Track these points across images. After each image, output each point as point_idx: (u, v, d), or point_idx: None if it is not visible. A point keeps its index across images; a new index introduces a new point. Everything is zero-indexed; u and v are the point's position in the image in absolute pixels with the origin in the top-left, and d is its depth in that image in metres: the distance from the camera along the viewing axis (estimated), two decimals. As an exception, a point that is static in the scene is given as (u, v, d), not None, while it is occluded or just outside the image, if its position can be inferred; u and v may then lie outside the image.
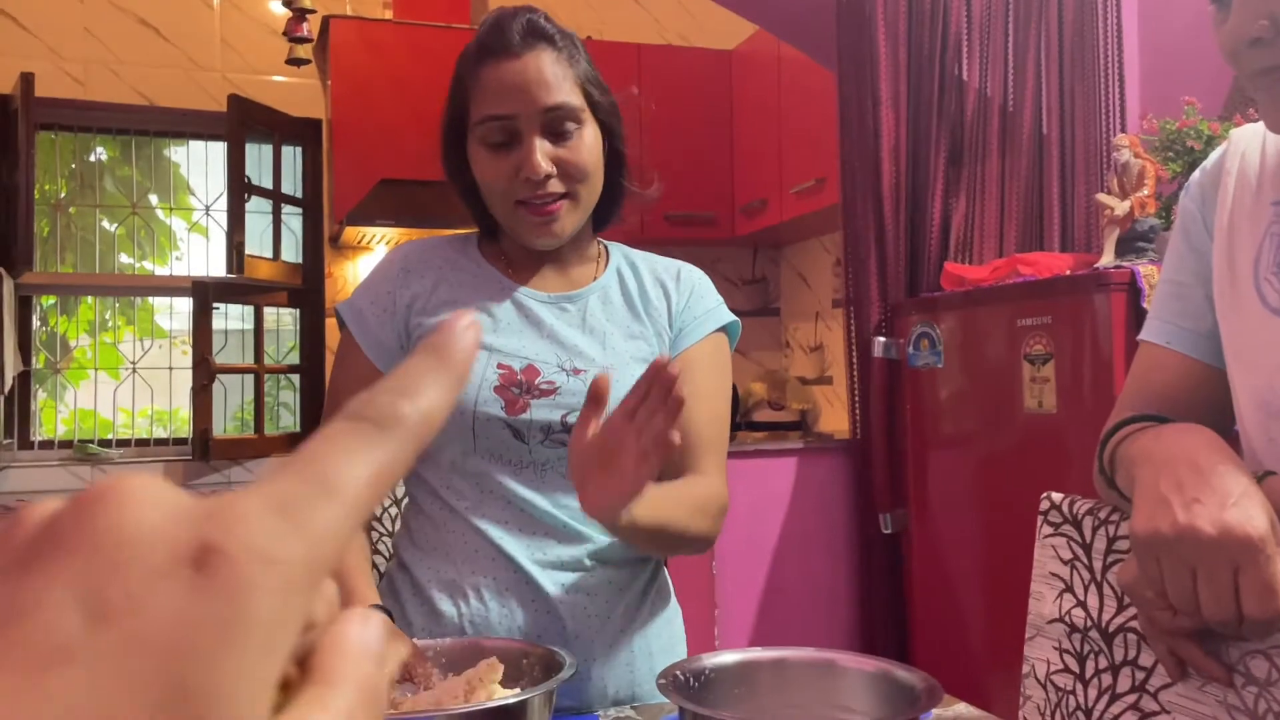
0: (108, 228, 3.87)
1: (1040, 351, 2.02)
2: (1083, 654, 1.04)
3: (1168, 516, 0.77)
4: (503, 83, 1.13)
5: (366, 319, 1.21)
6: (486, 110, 1.14)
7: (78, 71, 3.58)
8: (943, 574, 2.39)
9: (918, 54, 2.55)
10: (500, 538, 1.14)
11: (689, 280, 1.28)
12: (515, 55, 1.13)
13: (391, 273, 1.23)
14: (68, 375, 3.76)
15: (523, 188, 1.14)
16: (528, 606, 1.14)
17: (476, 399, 1.14)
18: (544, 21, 1.16)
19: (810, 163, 3.44)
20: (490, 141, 1.14)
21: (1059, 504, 1.10)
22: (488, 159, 1.15)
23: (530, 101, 1.12)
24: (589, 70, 1.19)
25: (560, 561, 1.16)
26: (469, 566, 1.15)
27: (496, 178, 1.15)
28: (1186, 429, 0.86)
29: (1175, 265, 1.05)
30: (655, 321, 1.25)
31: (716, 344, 1.26)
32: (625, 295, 1.26)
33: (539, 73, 1.13)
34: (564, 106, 1.14)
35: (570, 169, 1.15)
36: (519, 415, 1.14)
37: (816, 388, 4.07)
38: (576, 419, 1.11)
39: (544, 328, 1.20)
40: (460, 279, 1.23)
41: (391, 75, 3.55)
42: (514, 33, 1.13)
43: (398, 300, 1.21)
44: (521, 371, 1.16)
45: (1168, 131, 2.20)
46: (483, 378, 1.15)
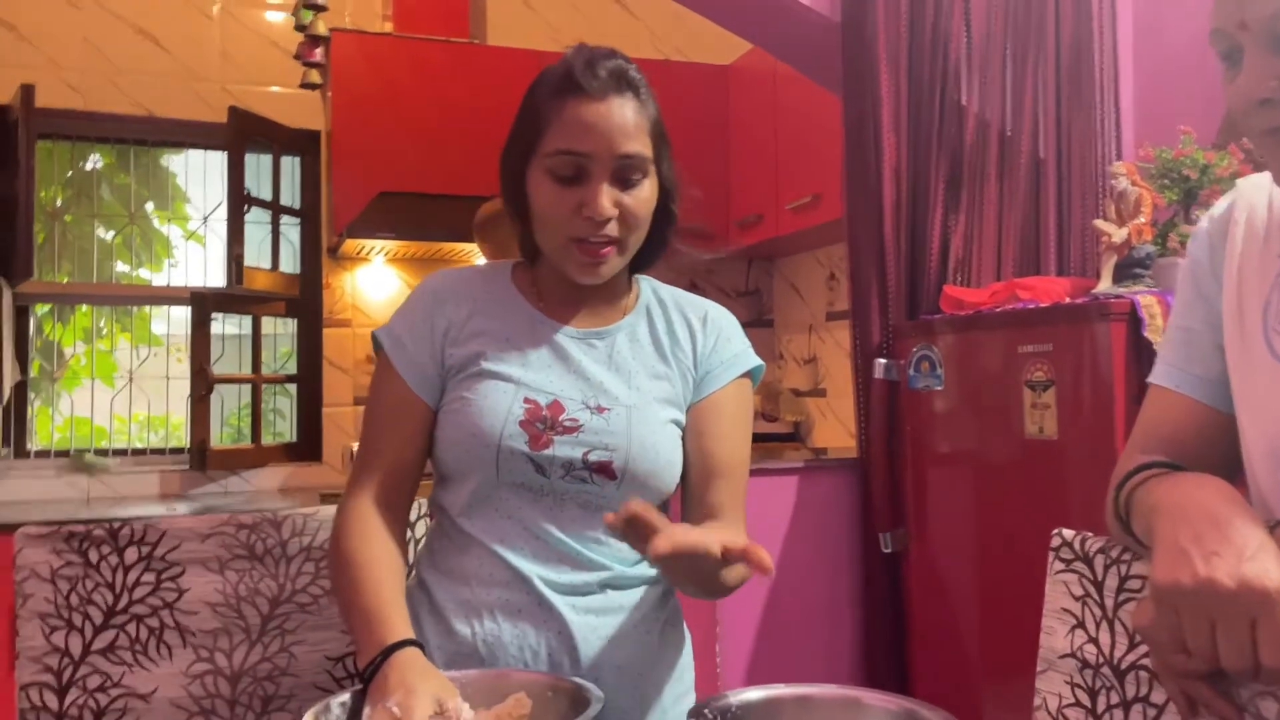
0: (104, 236, 3.86)
1: (1041, 378, 2.05)
2: (1094, 689, 1.07)
3: (1188, 569, 0.80)
4: (584, 121, 1.15)
5: (404, 344, 1.24)
6: (563, 144, 1.16)
7: (76, 81, 3.58)
8: (942, 595, 2.42)
9: (918, 79, 2.58)
10: (517, 562, 1.17)
11: (716, 323, 1.31)
12: (601, 98, 1.15)
13: (426, 301, 1.26)
14: (63, 384, 3.75)
15: (582, 226, 1.17)
16: (540, 627, 1.16)
17: (503, 432, 1.17)
18: (633, 71, 1.19)
19: (807, 179, 3.47)
20: (558, 174, 1.17)
21: (1070, 541, 1.13)
22: (552, 190, 1.17)
23: (608, 145, 1.15)
24: (660, 126, 1.22)
25: (574, 586, 1.18)
26: (484, 589, 1.17)
27: (557, 211, 1.17)
28: (1202, 480, 0.89)
29: (1184, 311, 1.08)
30: (680, 363, 1.27)
31: (741, 389, 1.29)
32: (653, 334, 1.28)
33: (621, 119, 1.16)
34: (636, 157, 1.17)
35: (629, 217, 1.18)
36: (542, 451, 1.17)
37: (810, 399, 4.10)
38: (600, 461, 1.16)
39: (571, 363, 1.23)
40: (493, 310, 1.26)
41: (391, 88, 3.56)
42: (604, 75, 1.16)
43: (434, 327, 1.24)
44: (547, 407, 1.19)
45: (1164, 160, 2.24)
46: (509, 411, 1.17)
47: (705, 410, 1.26)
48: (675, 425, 1.24)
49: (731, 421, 1.26)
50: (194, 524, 1.31)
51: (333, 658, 1.34)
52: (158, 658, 1.26)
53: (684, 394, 1.26)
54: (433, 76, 3.59)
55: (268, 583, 1.33)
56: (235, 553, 1.32)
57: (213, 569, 1.30)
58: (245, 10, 3.80)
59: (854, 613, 2.69)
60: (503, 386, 1.19)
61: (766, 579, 2.63)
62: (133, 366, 3.81)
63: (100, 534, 1.26)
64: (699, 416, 1.26)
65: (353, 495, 1.21)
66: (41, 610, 1.22)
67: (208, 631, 1.29)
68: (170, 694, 1.26)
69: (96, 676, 1.23)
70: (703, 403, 1.26)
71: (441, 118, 3.48)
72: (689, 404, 1.27)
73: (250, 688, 1.29)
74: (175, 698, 1.26)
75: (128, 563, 1.27)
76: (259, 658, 1.30)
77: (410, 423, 1.22)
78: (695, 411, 1.26)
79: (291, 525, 1.34)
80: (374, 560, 1.14)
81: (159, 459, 3.73)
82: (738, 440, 1.27)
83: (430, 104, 3.53)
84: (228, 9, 3.77)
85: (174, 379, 3.83)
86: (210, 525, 1.32)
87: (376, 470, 1.21)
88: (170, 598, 1.28)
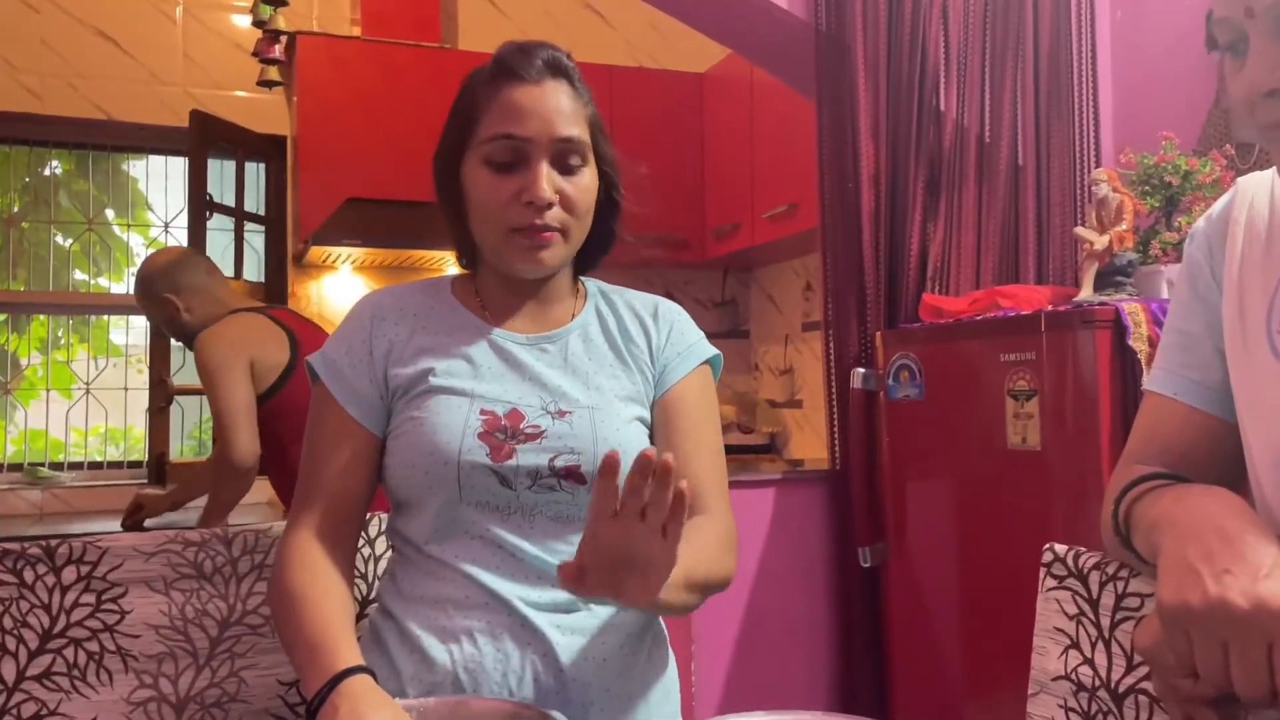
0: (62, 243, 3.76)
1: (1024, 388, 2.01)
2: (1090, 713, 1.02)
3: (1197, 588, 0.75)
4: (520, 105, 1.12)
5: (341, 370, 1.18)
6: (499, 128, 1.12)
7: (34, 84, 3.48)
8: (922, 610, 2.37)
9: (896, 84, 2.54)
10: (493, 582, 1.11)
11: (668, 316, 1.27)
12: (536, 82, 1.14)
13: (363, 322, 1.20)
14: (18, 395, 3.65)
15: (522, 213, 1.12)
16: (524, 649, 1.09)
17: (461, 447, 1.10)
18: (566, 60, 1.17)
19: (783, 187, 3.43)
20: (495, 160, 1.13)
21: (1063, 556, 1.08)
22: (489, 179, 1.13)
23: (545, 128, 1.12)
24: (597, 118, 1.20)
25: (555, 604, 1.12)
26: (462, 613, 1.10)
27: (496, 199, 1.13)
28: (1209, 492, 0.84)
29: (1182, 315, 1.03)
30: (637, 360, 1.23)
31: (702, 377, 1.25)
32: (606, 333, 1.24)
33: (557, 102, 1.14)
34: (575, 141, 1.14)
35: (570, 203, 1.14)
36: (505, 462, 1.11)
37: (786, 410, 4.05)
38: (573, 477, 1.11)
39: (525, 370, 1.17)
40: (436, 325, 1.20)
41: (359, 93, 3.50)
42: (539, 61, 1.14)
43: (374, 349, 1.18)
44: (505, 416, 1.13)
45: (1145, 166, 2.21)
46: (465, 425, 1.11)
47: (670, 404, 1.22)
48: (640, 423, 1.20)
49: (697, 411, 1.23)
50: (137, 541, 1.24)
51: (285, 682, 1.27)
52: (97, 684, 1.18)
53: (645, 391, 1.22)
54: (402, 81, 3.52)
55: (216, 603, 1.25)
56: (181, 571, 1.25)
57: (157, 589, 1.23)
58: (209, 13, 3.72)
59: (832, 629, 2.64)
60: (455, 400, 1.13)
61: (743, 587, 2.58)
62: (90, 377, 3.70)
63: (36, 552, 1.18)
64: (664, 412, 1.22)
65: (294, 529, 1.15)
66: (-29, 634, 1.14)
67: (151, 656, 1.21)
68: (110, 723, 1.18)
69: (31, 704, 1.15)
70: (666, 396, 1.22)
71: (410, 123, 3.40)
72: (652, 400, 1.23)
73: (198, 715, 1.22)
74: (116, 727, 1.18)
75: (65, 583, 1.19)
76: (206, 683, 1.23)
77: (352, 453, 1.16)
78: (660, 407, 1.22)
79: (243, 542, 1.27)
80: (320, 593, 1.08)
81: (116, 472, 3.62)
82: (709, 430, 1.23)
83: (399, 109, 3.46)
84: (190, 11, 3.69)
85: (134, 390, 3.73)
86: (155, 543, 1.25)
87: (318, 503, 1.15)
88: (111, 620, 1.20)
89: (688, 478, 1.15)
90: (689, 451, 1.19)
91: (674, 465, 0.87)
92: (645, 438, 1.20)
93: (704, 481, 1.19)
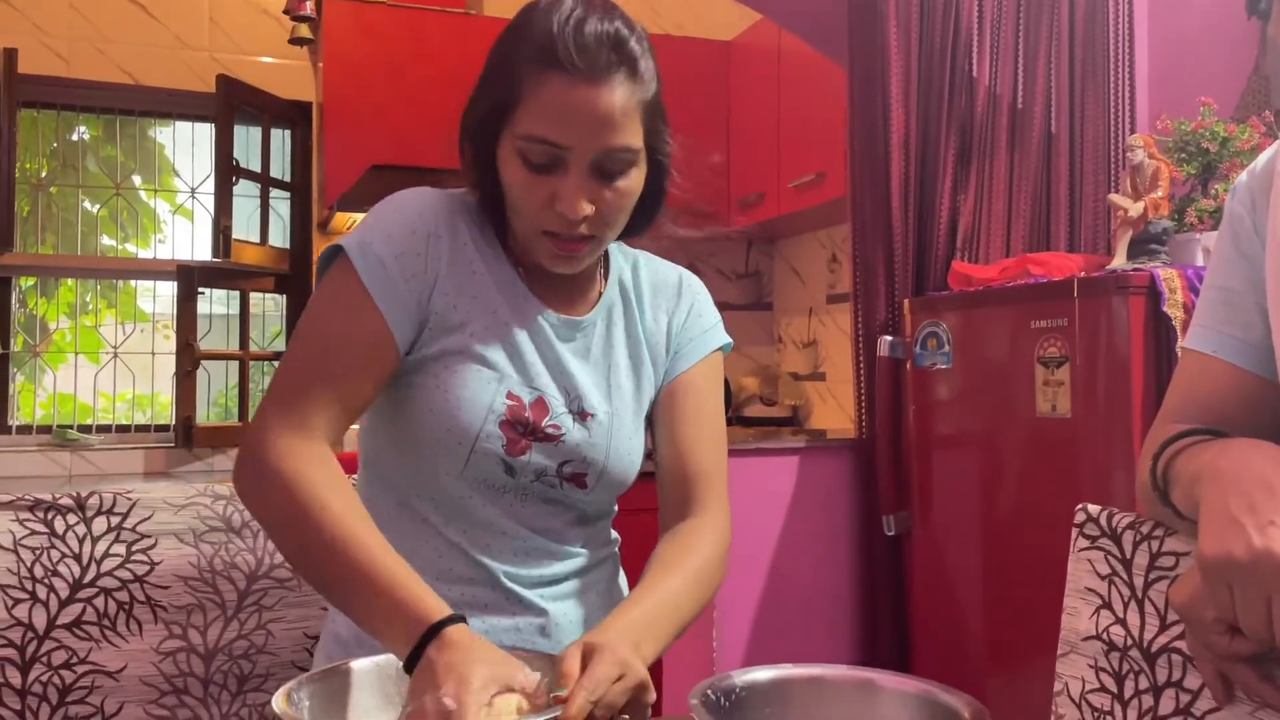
0: (89, 208, 3.78)
1: (1055, 354, 1.99)
2: (1121, 673, 1.01)
3: (1241, 540, 0.74)
4: (567, 108, 0.98)
5: (388, 272, 1.04)
6: (538, 130, 0.99)
7: (62, 48, 3.49)
8: (946, 579, 2.36)
9: (929, 49, 2.51)
10: (479, 554, 1.10)
11: (689, 295, 1.23)
12: (589, 80, 0.98)
13: (419, 234, 1.07)
14: (47, 359, 3.68)
15: (554, 219, 1.03)
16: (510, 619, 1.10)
17: (481, 431, 1.06)
18: (633, 42, 1.01)
19: (810, 156, 3.39)
20: (530, 160, 1.01)
21: (1096, 516, 1.06)
22: (523, 177, 1.02)
23: (590, 138, 0.99)
24: (657, 99, 1.06)
25: (542, 579, 1.12)
26: (445, 585, 1.08)
27: (528, 201, 1.03)
28: (1254, 445, 0.82)
29: (1223, 271, 1.01)
30: (654, 349, 1.20)
31: (712, 365, 1.22)
32: (628, 317, 1.19)
33: (609, 108, 0.99)
34: (623, 150, 1.02)
35: (607, 213, 1.04)
36: (518, 457, 1.08)
37: (809, 383, 4.03)
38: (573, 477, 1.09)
39: (553, 356, 1.12)
40: (482, 267, 1.10)
41: (385, 59, 3.48)
42: (595, 51, 0.98)
43: (429, 266, 1.06)
44: (531, 406, 1.08)
45: (1182, 132, 2.17)
46: (490, 408, 1.06)
47: (678, 390, 1.19)
48: (645, 421, 1.19)
49: (705, 401, 1.20)
50: (167, 494, 1.25)
51: (312, 635, 1.28)
52: (127, 634, 1.19)
53: (655, 380, 1.20)
54: (427, 47, 3.50)
55: (245, 556, 1.26)
56: (210, 525, 1.26)
57: (186, 541, 1.24)
58: (235, -22, 3.71)
59: (855, 597, 2.64)
60: (486, 375, 1.06)
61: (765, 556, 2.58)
62: (118, 342, 3.73)
63: (67, 503, 1.19)
64: (672, 396, 1.19)
65: (303, 430, 0.99)
66: (4, 581, 1.15)
67: (180, 607, 1.22)
68: (140, 671, 1.19)
69: (62, 652, 1.16)
70: (675, 382, 1.19)
71: (437, 90, 3.38)
72: (659, 386, 1.20)
73: (225, 666, 1.23)
74: (146, 675, 1.19)
75: (96, 533, 1.20)
76: (235, 635, 1.24)
77: (377, 362, 1.04)
78: (668, 390, 1.19)
79: (270, 495, 1.27)
80: (365, 519, 0.96)
81: (144, 436, 3.65)
82: (715, 421, 1.21)
83: (425, 75, 3.44)
84: (217, -24, 3.69)
85: (160, 355, 3.75)
86: (184, 495, 1.26)
87: (328, 407, 1.01)
88: (141, 571, 1.21)
89: (691, 466, 1.16)
90: (692, 440, 1.17)
91: None
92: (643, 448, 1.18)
93: (704, 473, 1.16)
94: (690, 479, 1.16)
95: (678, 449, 1.17)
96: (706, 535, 1.13)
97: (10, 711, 1.13)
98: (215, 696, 1.22)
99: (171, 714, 1.20)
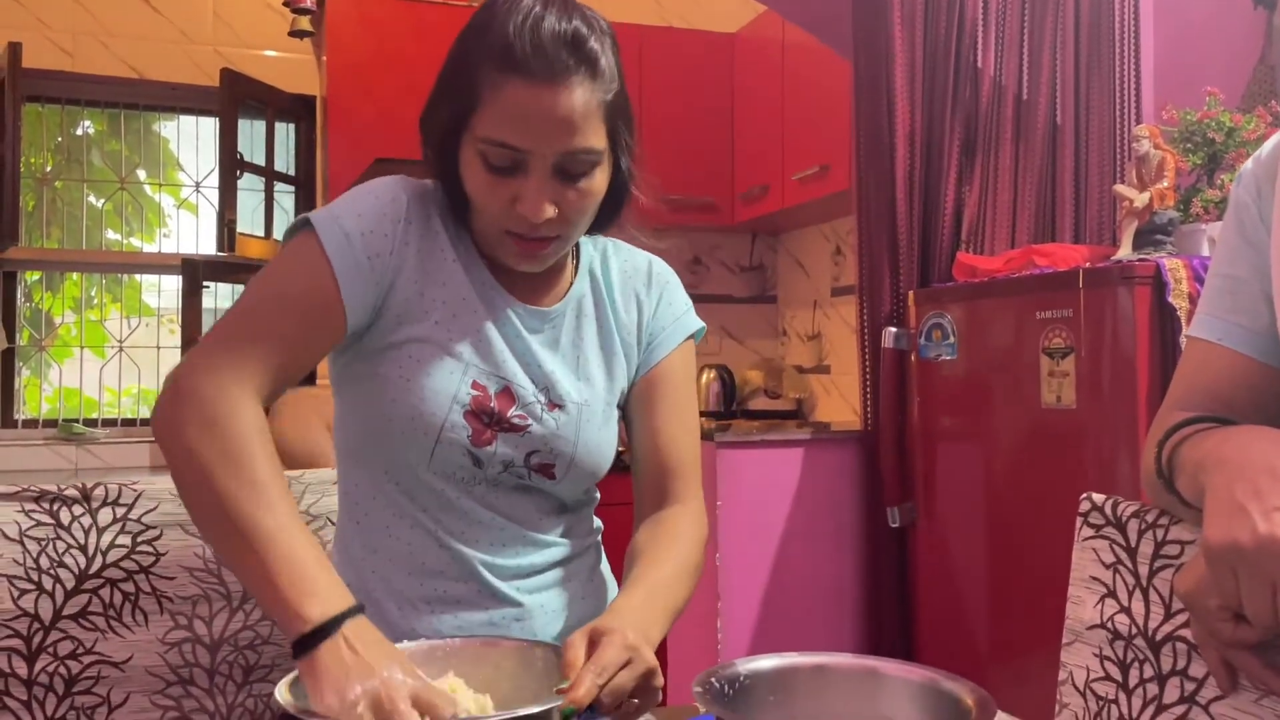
0: (94, 203, 3.78)
1: (1060, 345, 1.98)
2: (1126, 662, 1.01)
3: (1246, 526, 0.73)
4: (524, 111, 0.97)
5: (354, 246, 1.03)
6: (496, 133, 0.98)
7: (66, 42, 3.49)
8: (950, 571, 2.36)
9: (933, 40, 2.50)
10: (455, 544, 1.09)
11: (659, 283, 1.22)
12: (547, 83, 0.96)
13: (394, 215, 1.06)
14: (52, 353, 3.69)
15: (516, 220, 1.02)
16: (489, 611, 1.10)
17: (445, 422, 1.05)
18: (592, 40, 0.99)
19: (814, 149, 3.39)
20: (491, 162, 1.00)
21: (1100, 505, 1.06)
22: (484, 178, 1.01)
23: (550, 141, 0.98)
24: (620, 98, 1.04)
25: (520, 569, 1.12)
26: (416, 577, 1.09)
27: (489, 202, 1.02)
28: (1258, 432, 0.82)
29: (1228, 258, 1.01)
30: (625, 341, 1.19)
31: (685, 353, 1.22)
32: (598, 308, 1.18)
33: (569, 111, 0.97)
34: (585, 151, 1.01)
35: (571, 213, 1.04)
36: (483, 447, 1.07)
37: (813, 376, 4.03)
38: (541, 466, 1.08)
39: (520, 345, 1.11)
40: (450, 257, 1.09)
41: (389, 52, 3.48)
42: (553, 54, 0.96)
43: (395, 250, 1.05)
44: (497, 396, 1.08)
45: (1188, 122, 2.16)
46: (455, 397, 1.05)
47: (654, 381, 1.19)
48: (616, 410, 1.18)
49: (680, 389, 1.20)
50: (171, 485, 1.24)
51: (318, 625, 1.27)
52: (133, 624, 1.19)
53: (627, 372, 1.19)
54: (431, 40, 3.49)
55: (250, 547, 1.26)
56: (215, 515, 1.25)
57: (192, 532, 1.24)
58: (239, -29, 3.71)
59: (859, 589, 2.64)
60: (450, 364, 1.06)
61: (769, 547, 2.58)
62: (123, 336, 3.73)
63: (72, 494, 1.19)
64: (648, 388, 1.19)
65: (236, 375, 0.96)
66: (10, 572, 1.15)
67: (186, 597, 1.22)
68: (146, 662, 1.19)
69: (68, 643, 1.17)
70: (651, 373, 1.19)
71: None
72: (632, 379, 1.19)
73: (231, 656, 1.23)
74: (151, 666, 1.19)
75: (101, 524, 1.20)
76: (240, 625, 1.24)
77: (323, 330, 1.02)
78: (644, 382, 1.19)
79: (275, 486, 1.27)
80: (280, 476, 0.93)
81: (148, 429, 3.65)
82: (691, 410, 1.21)
83: (428, 68, 3.36)
84: (221, -30, 3.69)
85: (165, 349, 3.76)
86: (189, 486, 1.25)
87: (264, 361, 0.98)
88: (146, 561, 1.21)
89: (670, 458, 1.16)
90: (672, 433, 1.17)
91: None
92: (617, 427, 1.18)
93: (682, 464, 1.17)
94: (668, 471, 1.17)
95: (655, 441, 1.17)
96: (687, 525, 1.14)
97: (17, 702, 1.14)
98: (221, 687, 1.22)
99: (177, 704, 1.20)
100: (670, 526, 1.13)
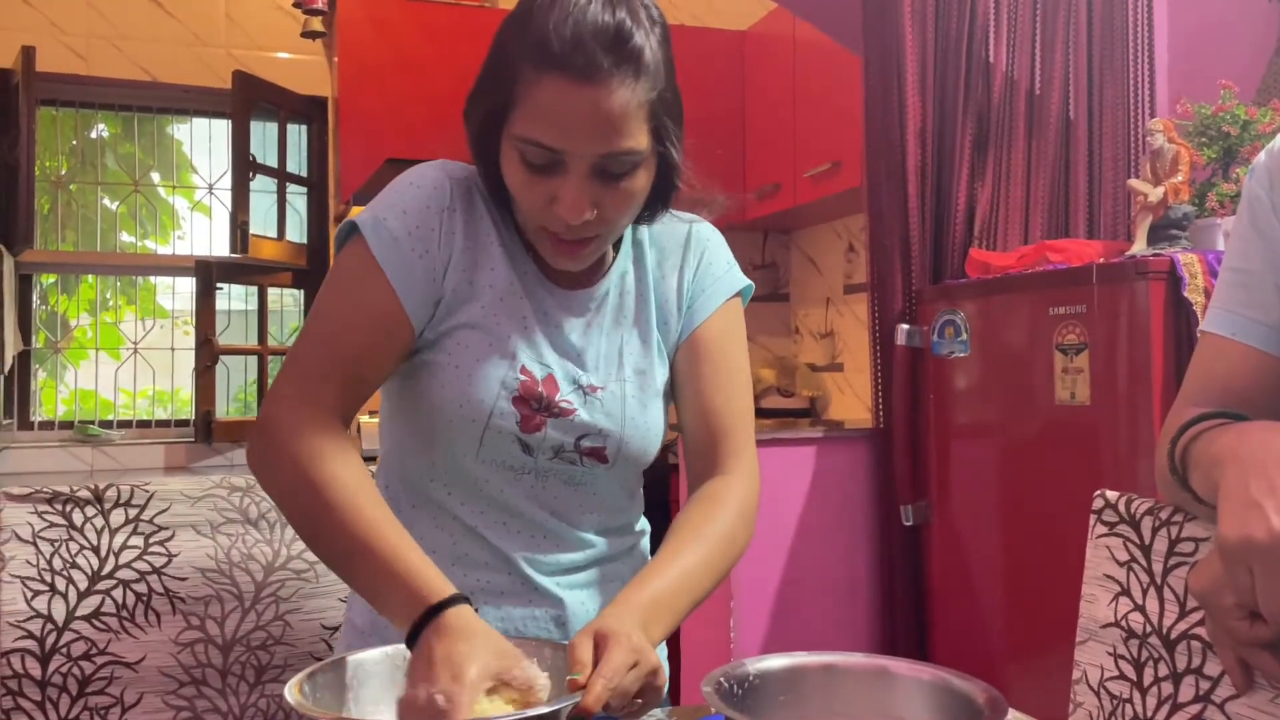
0: (109, 205, 3.81)
1: (1074, 341, 1.97)
2: (1140, 661, 1.00)
3: (1261, 522, 0.73)
4: (564, 111, 0.93)
5: (401, 249, 1.02)
6: (534, 133, 0.95)
7: (79, 46, 3.51)
8: (964, 568, 2.35)
9: (944, 35, 2.49)
10: (498, 542, 1.08)
11: (699, 245, 1.17)
12: (586, 82, 0.92)
13: (434, 209, 1.04)
14: (68, 355, 3.71)
15: (554, 219, 0.99)
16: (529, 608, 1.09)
17: (494, 409, 1.04)
18: (637, 35, 0.94)
19: (826, 146, 3.38)
20: (529, 161, 0.97)
21: (1114, 503, 1.05)
22: (522, 176, 0.99)
23: (590, 143, 0.94)
24: (665, 98, 0.99)
25: (562, 566, 1.11)
26: (461, 570, 1.08)
27: (527, 199, 1.00)
28: (1273, 428, 0.81)
29: (1241, 252, 1.00)
30: (667, 311, 1.15)
31: (731, 312, 1.17)
32: (639, 282, 1.15)
33: (609, 113, 0.93)
34: (625, 153, 0.96)
35: (611, 213, 1.00)
36: (533, 433, 1.06)
37: (826, 374, 4.02)
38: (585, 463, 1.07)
39: (563, 330, 1.10)
40: (497, 250, 1.07)
41: (400, 53, 3.49)
42: (593, 51, 0.91)
43: (443, 241, 1.04)
44: (543, 383, 1.06)
45: (1202, 116, 2.14)
46: (503, 384, 1.04)
47: (696, 345, 1.14)
48: (663, 388, 1.15)
49: (725, 353, 1.15)
50: (184, 486, 1.25)
51: (329, 626, 1.28)
52: (145, 625, 1.20)
53: (671, 343, 1.16)
54: (442, 41, 3.50)
55: (261, 548, 1.27)
56: (228, 516, 1.26)
57: (204, 533, 1.24)
58: (249, -26, 3.72)
59: (873, 587, 2.63)
60: (499, 350, 1.04)
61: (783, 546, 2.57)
62: (138, 338, 3.75)
63: (85, 495, 1.20)
64: (692, 352, 1.14)
65: (315, 406, 0.98)
66: (23, 574, 1.16)
67: (198, 598, 1.23)
68: (159, 662, 1.20)
69: (81, 643, 1.17)
70: (692, 339, 1.14)
71: (451, 83, 3.34)
72: (676, 344, 1.16)
73: (243, 657, 1.24)
74: (164, 666, 1.20)
75: (114, 525, 1.21)
76: (252, 626, 1.25)
77: (390, 340, 1.02)
78: (687, 347, 1.15)
79: (286, 487, 1.27)
80: (372, 492, 0.95)
81: (164, 431, 3.68)
82: (737, 372, 1.16)
83: (439, 69, 3.45)
84: (232, -28, 3.70)
85: (180, 350, 3.78)
86: (201, 488, 1.26)
87: (337, 380, 1.00)
88: (159, 562, 1.22)
89: (715, 425, 1.13)
90: (717, 398, 1.13)
91: None
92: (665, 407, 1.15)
93: (728, 428, 1.13)
94: (713, 439, 1.13)
95: (700, 407, 1.14)
96: (732, 496, 1.10)
97: (31, 702, 1.14)
98: (233, 687, 1.23)
99: (190, 705, 1.21)
100: (708, 506, 1.09)
